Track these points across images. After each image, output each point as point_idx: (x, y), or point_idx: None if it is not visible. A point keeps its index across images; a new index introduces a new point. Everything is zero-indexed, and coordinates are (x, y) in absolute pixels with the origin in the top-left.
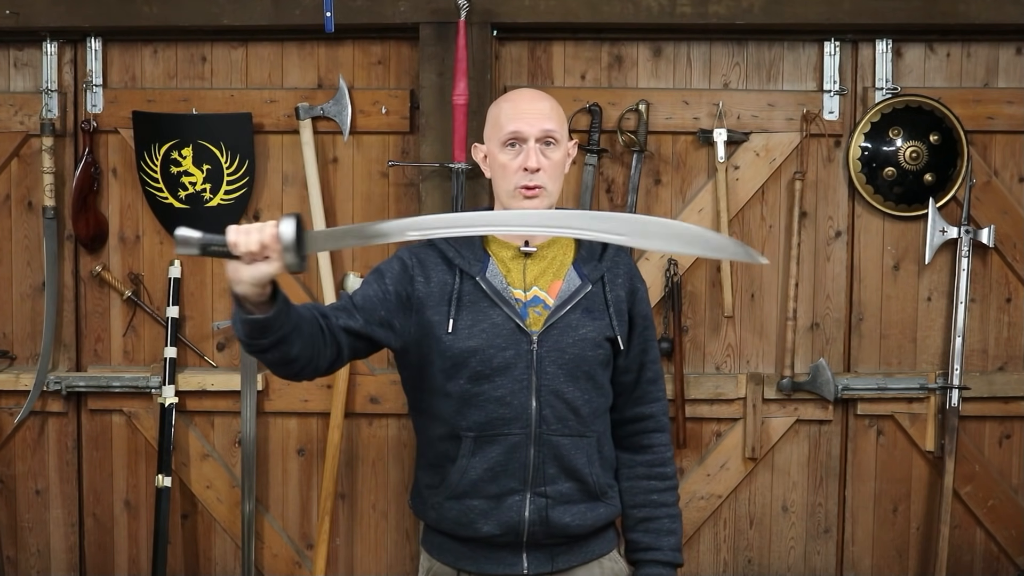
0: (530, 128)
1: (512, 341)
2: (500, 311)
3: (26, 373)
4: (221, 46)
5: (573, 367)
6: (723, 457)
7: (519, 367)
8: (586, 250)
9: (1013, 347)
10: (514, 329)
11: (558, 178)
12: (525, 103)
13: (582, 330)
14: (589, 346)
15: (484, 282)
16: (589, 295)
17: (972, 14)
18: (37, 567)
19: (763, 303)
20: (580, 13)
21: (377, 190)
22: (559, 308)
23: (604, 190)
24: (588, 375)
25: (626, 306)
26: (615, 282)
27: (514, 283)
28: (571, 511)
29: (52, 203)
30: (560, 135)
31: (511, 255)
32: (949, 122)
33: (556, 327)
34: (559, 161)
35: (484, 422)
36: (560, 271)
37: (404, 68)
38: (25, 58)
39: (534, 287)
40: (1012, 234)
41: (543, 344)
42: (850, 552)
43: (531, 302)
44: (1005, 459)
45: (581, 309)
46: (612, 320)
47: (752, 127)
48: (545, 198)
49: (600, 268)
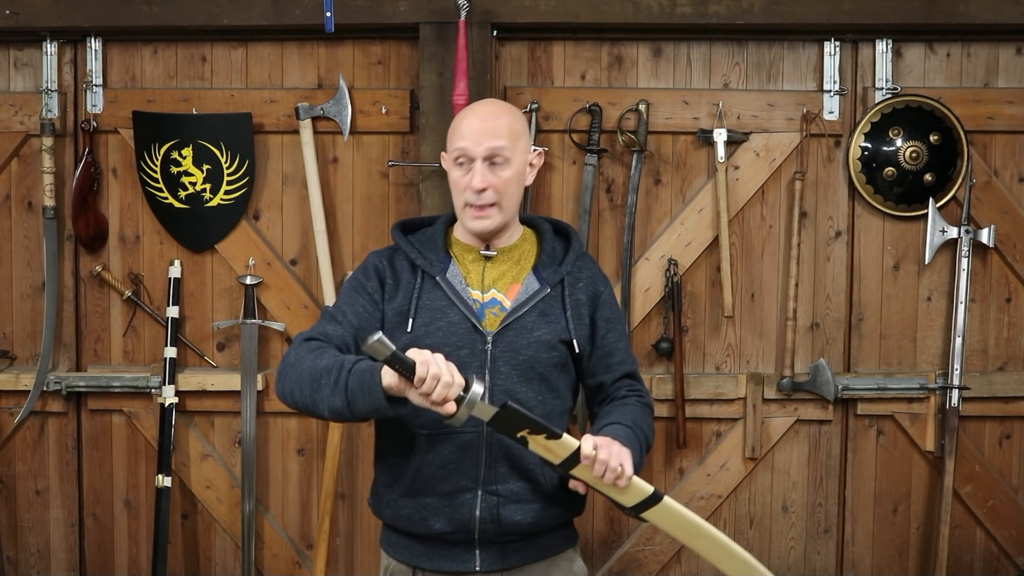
0: (476, 148)
1: (467, 341)
2: (457, 311)
3: (26, 373)
4: (221, 46)
5: (527, 368)
6: (723, 457)
7: (473, 367)
8: (547, 255)
9: (1013, 347)
10: (470, 329)
11: (513, 194)
12: (477, 121)
13: (537, 332)
14: (543, 348)
15: (444, 282)
16: (546, 298)
17: (972, 14)
18: (37, 567)
19: (763, 303)
20: (580, 13)
21: (377, 190)
22: (515, 310)
23: (604, 190)
24: (542, 377)
25: (587, 310)
26: (575, 286)
27: (473, 284)
28: (523, 509)
29: (52, 203)
30: (511, 152)
31: (472, 257)
32: (949, 122)
33: (511, 328)
34: (510, 178)
35: (437, 420)
36: (520, 275)
37: (404, 68)
38: (25, 58)
39: (492, 289)
40: (1012, 234)
41: (498, 345)
42: (850, 552)
43: (488, 303)
44: (1005, 459)
45: (537, 312)
46: (569, 323)
47: (752, 127)
48: (497, 215)
49: (560, 272)
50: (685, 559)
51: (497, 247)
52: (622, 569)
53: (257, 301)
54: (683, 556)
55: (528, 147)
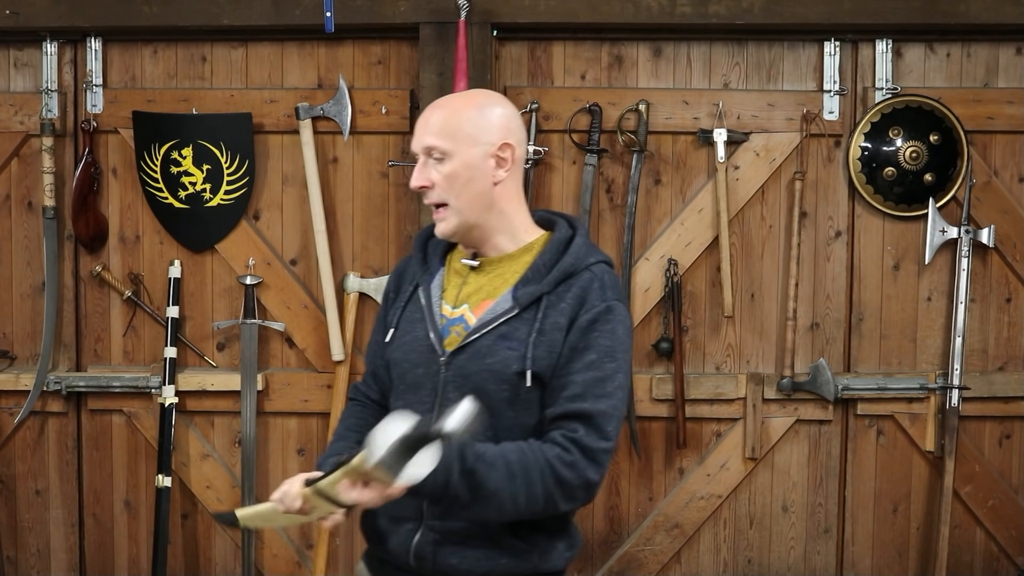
0: (416, 143)
1: (424, 359)
2: (422, 326)
3: (26, 373)
4: (221, 46)
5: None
6: (723, 457)
7: (425, 388)
8: (534, 269)
9: (1013, 347)
10: (428, 347)
11: (463, 192)
12: (424, 114)
13: (490, 359)
14: (492, 379)
15: (422, 293)
16: (513, 320)
17: (972, 14)
18: (37, 567)
19: (763, 303)
20: (580, 13)
21: (377, 190)
22: (475, 330)
23: (604, 190)
24: (490, 407)
25: (562, 335)
26: (556, 307)
27: (448, 298)
28: (461, 553)
29: (52, 203)
30: (448, 149)
31: (460, 266)
32: (949, 122)
33: (467, 350)
34: (452, 174)
35: None
36: (497, 290)
37: (404, 68)
38: (25, 58)
39: (464, 304)
40: (1012, 234)
41: (451, 367)
42: (850, 552)
43: (456, 320)
44: (1005, 459)
45: (497, 335)
46: (529, 350)
47: (752, 127)
48: (450, 216)
49: (538, 290)
50: (685, 559)
51: (485, 256)
52: (622, 569)
53: (257, 301)
54: (683, 556)
55: (490, 140)
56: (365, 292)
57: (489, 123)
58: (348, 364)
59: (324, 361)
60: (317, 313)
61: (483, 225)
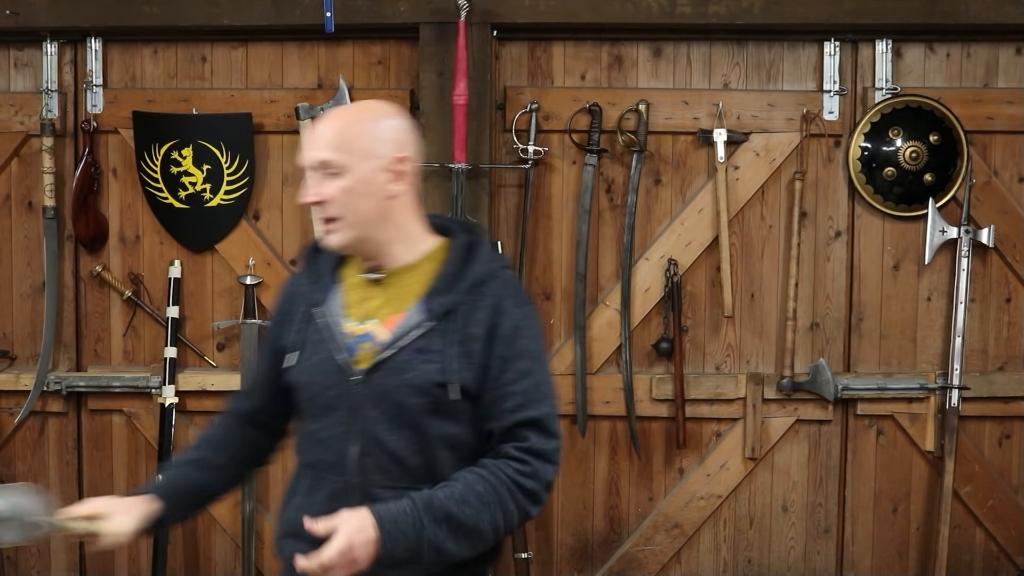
0: (307, 158)
1: (336, 380)
2: (326, 346)
3: (26, 373)
4: (221, 46)
5: (395, 413)
6: (723, 457)
7: (340, 409)
8: (443, 278)
9: (1013, 347)
10: (337, 367)
11: (358, 206)
12: (312, 132)
13: (408, 374)
14: (413, 393)
15: (321, 313)
16: (429, 333)
17: (972, 14)
18: (37, 567)
19: (763, 303)
20: (580, 13)
21: None
22: (389, 347)
23: (604, 190)
24: (412, 424)
25: (481, 345)
26: (471, 316)
27: (352, 314)
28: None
29: (52, 203)
30: (343, 163)
31: (359, 281)
32: (949, 122)
33: (383, 367)
34: (348, 188)
35: (313, 463)
36: (405, 303)
37: (404, 68)
38: (25, 58)
39: (372, 320)
40: (1012, 234)
41: (367, 385)
42: (850, 552)
43: (363, 337)
44: (1005, 459)
45: (414, 349)
46: (449, 363)
47: (752, 127)
48: (344, 229)
49: (451, 300)
50: (685, 559)
51: (386, 268)
52: (622, 569)
53: (257, 301)
54: (683, 556)
55: (385, 152)
56: None
57: (384, 136)
58: None
59: None
60: None
61: (378, 238)
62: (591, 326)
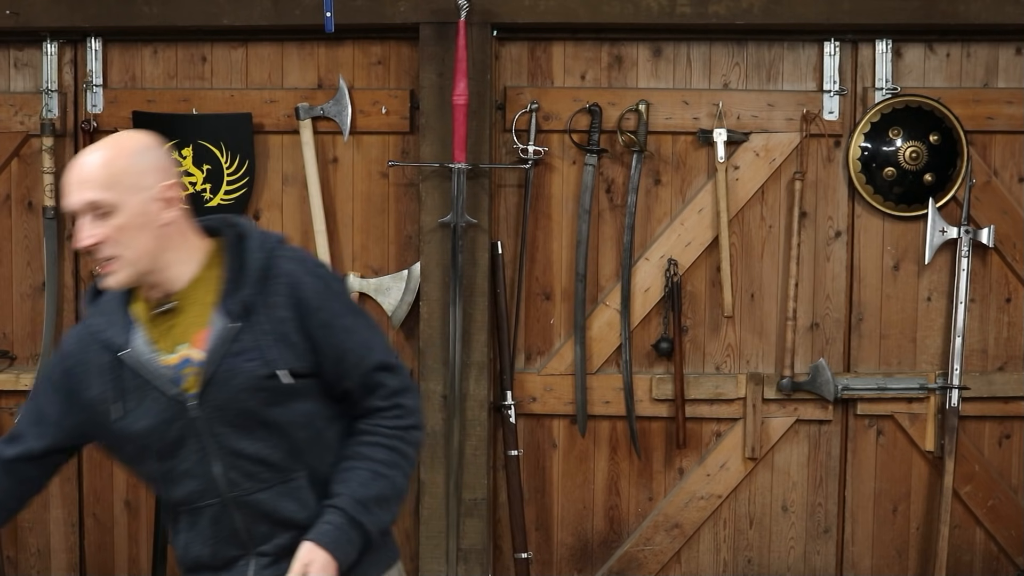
0: (72, 201)
1: (175, 414)
2: (154, 386)
3: (26, 373)
4: (221, 46)
5: (241, 420)
6: (723, 457)
7: (190, 438)
8: (229, 281)
9: (1013, 347)
10: (171, 401)
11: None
12: (71, 174)
13: (237, 379)
14: (247, 395)
15: (130, 357)
16: (238, 335)
17: (972, 14)
18: (37, 567)
19: (763, 303)
20: (580, 13)
21: (377, 190)
22: (208, 363)
23: (604, 190)
24: (262, 422)
25: (294, 325)
26: (271, 302)
27: (162, 347)
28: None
29: (52, 203)
30: (113, 201)
31: (153, 315)
32: (949, 122)
33: (212, 384)
34: (122, 226)
35: (184, 497)
36: (204, 316)
37: (404, 68)
38: (25, 58)
39: (183, 345)
40: (1012, 234)
41: (204, 406)
42: (850, 552)
43: (182, 364)
44: (1005, 459)
45: (231, 355)
46: (269, 352)
47: (752, 127)
48: (124, 267)
49: (245, 296)
50: (685, 559)
51: (176, 291)
52: (622, 569)
53: None
54: (683, 556)
55: (152, 183)
56: (365, 292)
57: (148, 166)
58: None
59: None
60: None
61: (160, 267)
62: (591, 326)
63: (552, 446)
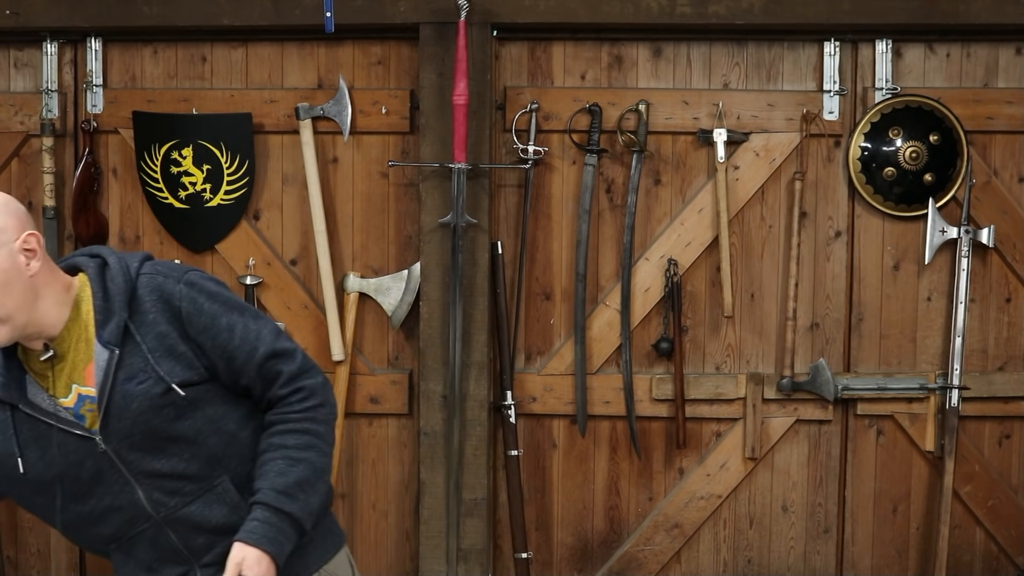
0: None
1: (86, 453)
2: (58, 430)
3: None
4: (221, 46)
5: (149, 442)
6: (723, 457)
7: (105, 472)
8: (99, 311)
9: (1013, 347)
10: (79, 441)
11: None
12: None
13: (134, 404)
14: (149, 414)
15: (29, 406)
16: (123, 361)
17: (972, 14)
18: (37, 567)
19: (763, 303)
20: (580, 13)
21: (377, 190)
22: (101, 394)
23: (604, 190)
24: (170, 438)
25: (177, 336)
26: (147, 321)
27: (58, 392)
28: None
29: (52, 203)
30: None
31: (40, 364)
32: (949, 122)
33: (111, 414)
34: None
35: (114, 532)
36: (87, 352)
37: (404, 68)
38: (25, 58)
39: (74, 384)
40: (1012, 234)
41: (110, 438)
42: (850, 552)
43: (78, 403)
44: (1005, 459)
45: (122, 381)
46: (158, 369)
47: (752, 127)
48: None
49: (119, 322)
50: (685, 559)
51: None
52: (622, 569)
53: (257, 301)
54: (683, 556)
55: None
56: (365, 292)
57: (4, 223)
58: (348, 364)
59: (324, 361)
60: (317, 313)
61: (35, 317)
62: (591, 326)
63: (552, 446)
